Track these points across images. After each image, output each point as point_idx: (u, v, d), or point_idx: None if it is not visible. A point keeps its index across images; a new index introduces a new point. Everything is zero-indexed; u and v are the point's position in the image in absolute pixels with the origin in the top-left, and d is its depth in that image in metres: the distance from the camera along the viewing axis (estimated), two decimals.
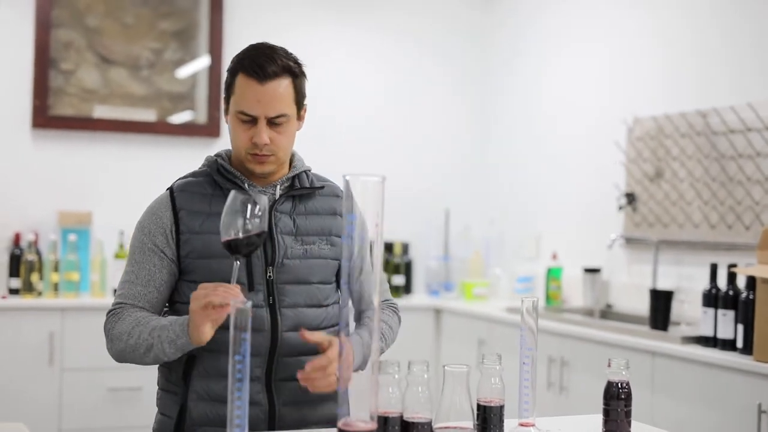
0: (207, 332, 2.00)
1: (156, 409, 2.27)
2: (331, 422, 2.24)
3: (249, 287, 2.17)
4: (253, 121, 2.18)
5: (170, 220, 2.20)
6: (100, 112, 4.86)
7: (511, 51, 5.48)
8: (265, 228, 1.96)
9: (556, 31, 5.10)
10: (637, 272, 4.41)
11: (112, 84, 4.89)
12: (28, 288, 4.40)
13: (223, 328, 2.11)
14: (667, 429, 2.11)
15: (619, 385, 1.87)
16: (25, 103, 4.72)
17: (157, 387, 2.28)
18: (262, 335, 2.15)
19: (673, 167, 4.19)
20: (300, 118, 2.29)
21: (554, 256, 4.82)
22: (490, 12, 5.64)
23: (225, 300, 1.95)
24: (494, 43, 5.62)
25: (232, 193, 1.94)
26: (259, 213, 1.94)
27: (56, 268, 4.46)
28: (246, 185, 2.24)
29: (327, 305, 2.28)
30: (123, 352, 2.12)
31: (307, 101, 2.30)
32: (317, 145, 5.27)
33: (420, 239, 5.43)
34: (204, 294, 1.97)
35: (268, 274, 2.19)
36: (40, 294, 4.42)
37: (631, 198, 4.39)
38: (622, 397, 1.86)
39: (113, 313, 2.18)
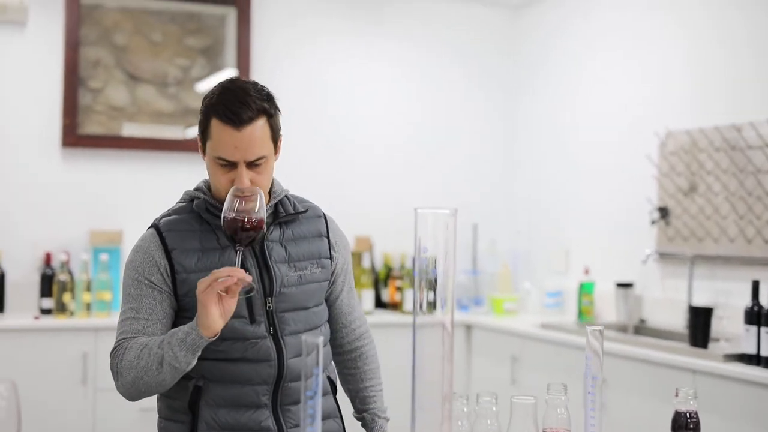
0: (215, 315, 2.00)
1: None
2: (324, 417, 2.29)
3: (250, 320, 2.18)
4: (231, 165, 2.14)
5: (164, 260, 2.18)
6: (129, 129, 4.86)
7: (540, 62, 5.46)
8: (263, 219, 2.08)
9: (586, 43, 5.08)
10: (671, 287, 4.38)
11: (140, 101, 4.89)
12: (61, 308, 4.39)
13: (229, 360, 2.17)
14: None
15: (688, 415, 1.85)
16: (54, 122, 4.72)
17: (158, 416, 2.27)
18: (269, 365, 2.18)
19: (707, 181, 4.16)
20: (277, 150, 2.25)
21: (586, 271, 4.79)
22: (519, 23, 5.63)
23: (230, 273, 1.98)
24: (523, 54, 5.60)
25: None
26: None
27: (88, 288, 4.45)
28: None
29: (321, 325, 2.32)
30: (135, 380, 2.08)
31: (282, 132, 2.27)
32: (343, 163, 5.29)
33: None
34: (208, 277, 2.00)
35: (268, 304, 2.20)
36: (72, 314, 4.42)
37: (664, 212, 4.37)
38: (691, 427, 1.84)
39: (117, 350, 2.14)
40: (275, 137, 2.22)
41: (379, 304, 5.10)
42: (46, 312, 4.45)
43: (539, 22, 5.48)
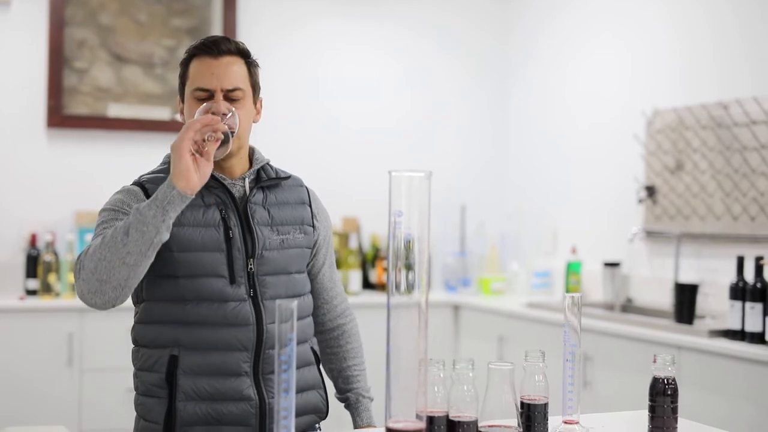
0: (188, 163, 1.98)
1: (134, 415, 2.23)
2: (317, 409, 2.28)
3: (231, 280, 2.16)
4: (209, 96, 2.18)
5: None
6: (115, 110, 4.83)
7: (529, 44, 5.45)
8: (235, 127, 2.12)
9: (575, 25, 5.07)
10: (658, 265, 4.38)
11: (126, 82, 4.87)
12: (46, 289, 4.37)
13: (206, 324, 2.13)
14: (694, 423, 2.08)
15: (666, 381, 1.84)
16: (39, 102, 4.69)
17: (135, 393, 2.22)
18: (248, 329, 2.15)
19: (693, 159, 4.15)
20: (256, 108, 2.28)
21: (573, 251, 4.79)
22: (509, 4, 5.61)
23: (205, 123, 2.01)
24: (512, 36, 5.59)
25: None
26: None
27: (73, 269, 4.44)
28: (215, 177, 2.20)
29: (303, 294, 2.30)
30: (97, 264, 1.96)
31: (262, 95, 2.30)
32: (331, 145, 5.27)
33: (437, 235, 5.39)
34: (182, 131, 2.01)
35: (249, 266, 2.18)
36: (58, 295, 4.40)
37: (651, 191, 4.36)
38: (669, 393, 1.84)
39: (81, 253, 2.04)
40: (254, 84, 2.25)
41: (367, 285, 5.09)
42: (31, 293, 4.44)
43: (529, 6, 5.46)
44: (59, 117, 4.70)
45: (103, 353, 4.24)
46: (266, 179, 2.27)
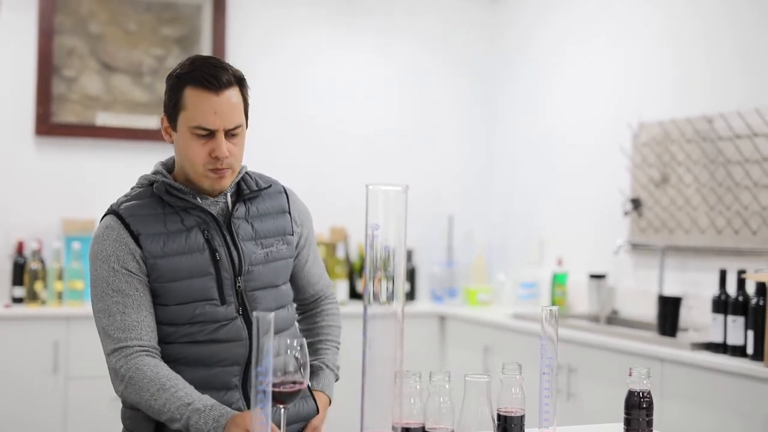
0: None
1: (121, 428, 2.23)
2: (303, 419, 2.26)
3: (221, 301, 2.14)
4: (210, 135, 2.10)
5: (135, 245, 2.10)
6: (103, 119, 4.84)
7: (516, 54, 5.47)
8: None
9: (562, 36, 5.09)
10: (643, 278, 4.40)
11: (115, 91, 4.88)
12: (32, 297, 4.38)
13: (200, 343, 2.13)
14: None
15: (641, 394, 1.86)
16: (28, 110, 4.70)
17: (122, 406, 2.20)
18: (240, 345, 2.16)
19: (678, 172, 4.18)
20: (246, 126, 2.24)
21: (559, 262, 4.81)
22: (497, 15, 5.63)
23: None
24: (500, 47, 5.61)
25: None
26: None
27: (60, 277, 4.44)
28: (198, 200, 2.17)
29: (288, 305, 2.31)
30: (137, 404, 2.07)
31: (252, 102, 2.27)
32: (319, 153, 5.29)
33: (423, 245, 5.41)
34: None
35: (238, 284, 2.17)
36: (44, 303, 4.40)
37: (636, 203, 4.39)
38: (644, 406, 1.85)
39: (124, 354, 2.06)
40: (246, 110, 2.20)
41: (354, 295, 5.10)
42: (17, 300, 4.44)
43: (517, 15, 5.49)
44: (48, 125, 4.71)
45: (89, 361, 4.23)
46: (248, 192, 2.24)
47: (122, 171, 4.84)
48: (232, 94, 2.11)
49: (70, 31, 4.80)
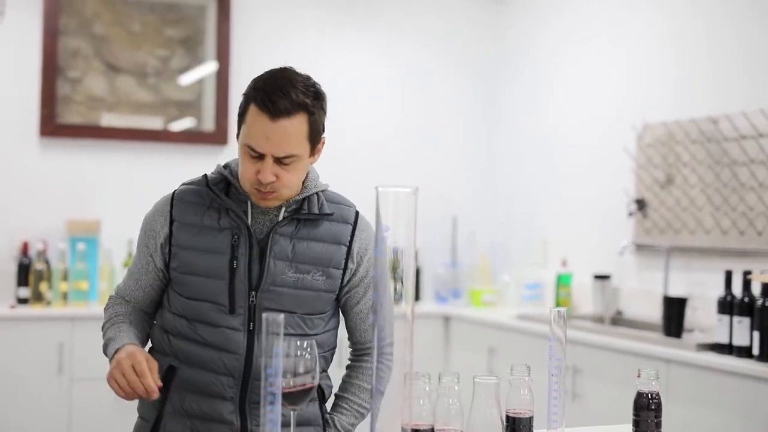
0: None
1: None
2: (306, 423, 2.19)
3: (230, 310, 2.11)
4: (260, 156, 2.06)
5: (165, 231, 2.17)
6: (108, 120, 4.84)
7: (518, 55, 5.47)
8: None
9: (564, 36, 5.09)
10: (647, 279, 4.40)
11: (119, 92, 4.88)
12: (37, 297, 4.38)
13: (201, 344, 2.13)
14: None
15: (650, 395, 1.86)
16: (32, 111, 4.70)
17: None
18: (236, 358, 2.12)
19: (683, 173, 4.18)
20: (316, 152, 2.19)
21: (564, 263, 4.81)
22: (501, 16, 5.63)
23: (133, 384, 2.02)
24: (501, 47, 5.61)
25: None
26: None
27: (65, 277, 4.44)
28: (249, 205, 2.15)
29: (313, 335, 2.17)
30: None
31: (325, 134, 2.20)
32: (324, 151, 5.28)
33: (428, 246, 5.41)
34: (114, 374, 2.04)
35: (251, 298, 2.12)
36: (49, 303, 4.41)
37: (641, 204, 4.38)
38: (653, 407, 1.85)
39: (110, 299, 2.34)
40: (314, 138, 2.13)
41: None
42: (22, 301, 4.44)
43: (521, 17, 5.49)
44: (52, 126, 4.71)
45: (94, 362, 4.19)
46: (305, 213, 2.17)
47: (127, 172, 4.85)
48: (292, 122, 2.05)
49: (74, 32, 4.80)
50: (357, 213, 2.28)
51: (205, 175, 2.22)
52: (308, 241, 2.16)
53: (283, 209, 2.16)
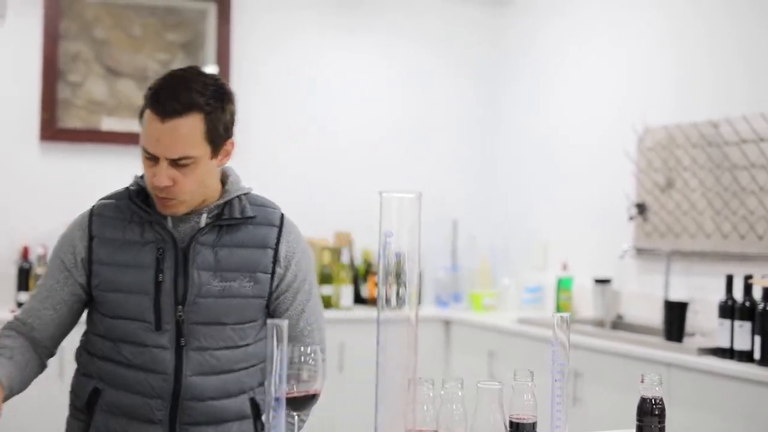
0: None
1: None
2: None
3: (156, 327, 2.04)
4: (154, 159, 1.99)
5: (83, 246, 2.10)
6: (108, 124, 4.84)
7: (519, 56, 5.47)
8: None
9: (565, 37, 5.09)
10: (648, 282, 4.40)
11: (120, 96, 4.88)
12: None
13: (125, 365, 2.05)
14: None
15: (653, 401, 1.86)
16: (33, 115, 4.70)
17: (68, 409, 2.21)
18: (163, 378, 2.05)
19: (684, 177, 4.18)
20: (220, 154, 2.07)
21: (564, 267, 4.80)
22: (501, 18, 5.63)
23: None
24: (501, 48, 5.61)
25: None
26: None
27: None
28: (168, 217, 2.07)
29: (245, 345, 2.12)
30: None
31: (235, 133, 2.10)
32: (323, 158, 5.28)
33: (427, 250, 5.40)
34: None
35: (178, 313, 2.05)
36: None
37: (641, 208, 4.38)
38: (656, 413, 1.85)
39: (4, 328, 2.17)
40: (214, 138, 2.03)
41: (358, 300, 5.09)
42: (22, 305, 4.42)
43: (520, 15, 5.49)
44: (53, 130, 4.71)
45: None
46: (226, 218, 2.09)
47: (127, 176, 4.79)
48: (183, 123, 1.97)
49: (75, 36, 4.80)
50: (282, 215, 2.20)
51: (127, 187, 2.16)
52: (231, 247, 2.09)
53: (204, 215, 2.09)
